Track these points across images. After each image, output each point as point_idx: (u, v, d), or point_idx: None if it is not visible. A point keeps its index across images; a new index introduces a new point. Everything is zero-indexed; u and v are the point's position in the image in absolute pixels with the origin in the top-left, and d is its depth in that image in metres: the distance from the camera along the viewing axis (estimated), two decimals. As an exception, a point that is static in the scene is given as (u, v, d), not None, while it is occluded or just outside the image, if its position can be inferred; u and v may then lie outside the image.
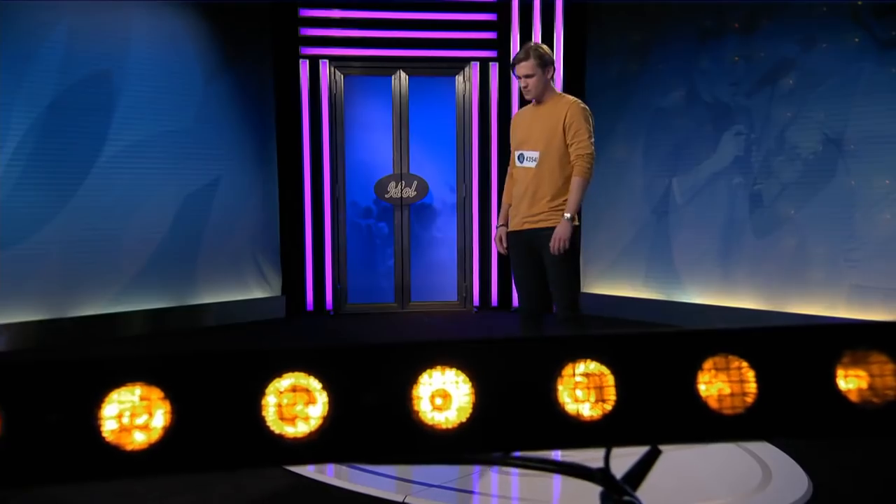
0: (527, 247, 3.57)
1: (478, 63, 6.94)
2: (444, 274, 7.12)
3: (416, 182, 6.93)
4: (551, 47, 6.69)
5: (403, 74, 6.92)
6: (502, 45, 6.88)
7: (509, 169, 3.75)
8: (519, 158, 3.60)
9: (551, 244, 3.42)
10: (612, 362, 0.79)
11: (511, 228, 3.65)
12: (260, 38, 6.63)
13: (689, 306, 6.25)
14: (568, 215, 3.41)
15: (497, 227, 3.79)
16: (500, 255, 6.90)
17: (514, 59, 3.59)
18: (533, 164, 3.52)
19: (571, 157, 3.47)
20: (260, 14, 6.60)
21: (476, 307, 7.04)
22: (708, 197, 6.14)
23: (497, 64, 6.92)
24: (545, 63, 3.53)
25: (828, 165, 5.52)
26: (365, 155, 7.01)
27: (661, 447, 0.86)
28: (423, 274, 7.10)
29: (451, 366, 0.76)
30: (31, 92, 5.43)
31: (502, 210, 3.77)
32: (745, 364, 0.83)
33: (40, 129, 5.48)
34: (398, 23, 6.81)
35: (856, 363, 0.84)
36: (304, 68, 6.74)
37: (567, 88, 6.72)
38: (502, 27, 6.88)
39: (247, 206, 6.62)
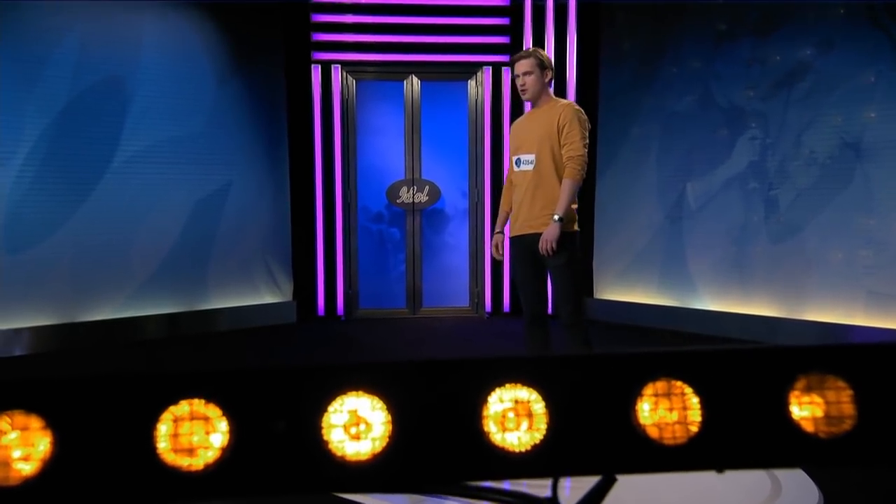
0: (529, 251, 3.54)
1: (490, 68, 6.91)
2: (456, 279, 7.09)
3: (427, 187, 6.91)
4: (564, 50, 6.71)
5: (415, 79, 6.90)
6: (515, 49, 6.78)
7: (507, 175, 3.76)
8: (516, 163, 3.60)
9: (540, 244, 3.41)
10: (543, 389, 0.74)
11: (512, 234, 3.64)
12: (272, 44, 6.63)
13: (703, 313, 6.15)
14: (556, 216, 3.39)
15: (493, 234, 3.77)
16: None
17: (513, 58, 3.62)
18: (530, 167, 3.52)
19: (563, 159, 3.47)
20: (272, 19, 6.61)
21: (488, 313, 6.99)
22: (722, 202, 6.05)
23: (510, 69, 6.82)
24: (544, 65, 3.55)
25: (845, 170, 5.39)
26: (376, 160, 6.99)
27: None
28: (435, 279, 7.06)
29: (367, 392, 0.71)
30: (44, 97, 5.48)
31: (499, 216, 3.77)
32: (688, 389, 0.77)
33: (53, 133, 5.52)
34: (410, 27, 6.80)
35: (810, 389, 0.78)
36: (316, 73, 6.75)
37: (580, 92, 6.71)
38: (515, 32, 6.84)
39: (258, 210, 6.62)
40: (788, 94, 5.65)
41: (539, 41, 6.76)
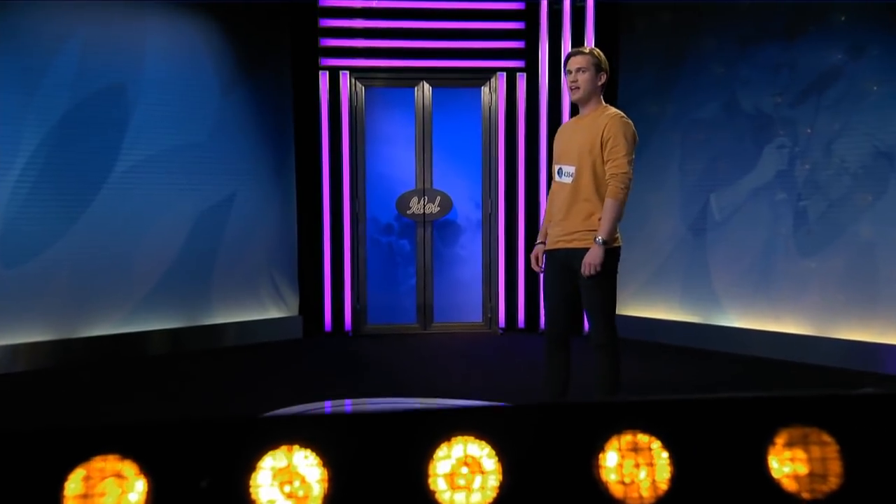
0: (561, 267, 3.49)
1: (504, 73, 6.88)
2: (469, 294, 7.06)
3: (439, 198, 6.89)
4: None
5: (427, 86, 6.90)
6: (530, 54, 6.82)
7: (552, 184, 3.64)
8: (558, 173, 3.52)
9: (582, 269, 3.34)
10: (495, 442, 0.70)
11: (547, 247, 3.58)
12: (279, 49, 6.65)
13: (728, 331, 6.08)
14: (600, 239, 3.32)
15: (536, 245, 3.69)
16: (527, 274, 6.84)
17: (569, 53, 3.52)
18: (569, 180, 3.45)
19: (606, 176, 3.37)
20: (279, 24, 6.63)
21: (501, 329, 6.95)
22: (749, 214, 5.98)
23: (525, 74, 6.85)
24: (601, 67, 3.47)
25: (879, 180, 5.31)
26: (386, 169, 6.98)
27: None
28: (447, 294, 7.04)
29: (302, 446, 0.68)
30: (44, 105, 5.51)
31: (542, 227, 3.71)
32: (657, 444, 0.73)
33: (52, 143, 5.54)
34: (421, 32, 6.79)
35: (792, 443, 0.74)
36: (324, 80, 6.76)
37: None
38: (530, 36, 6.82)
39: (263, 222, 6.63)
40: (818, 100, 5.58)
41: (555, 46, 6.73)
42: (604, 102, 3.52)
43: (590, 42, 6.66)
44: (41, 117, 5.50)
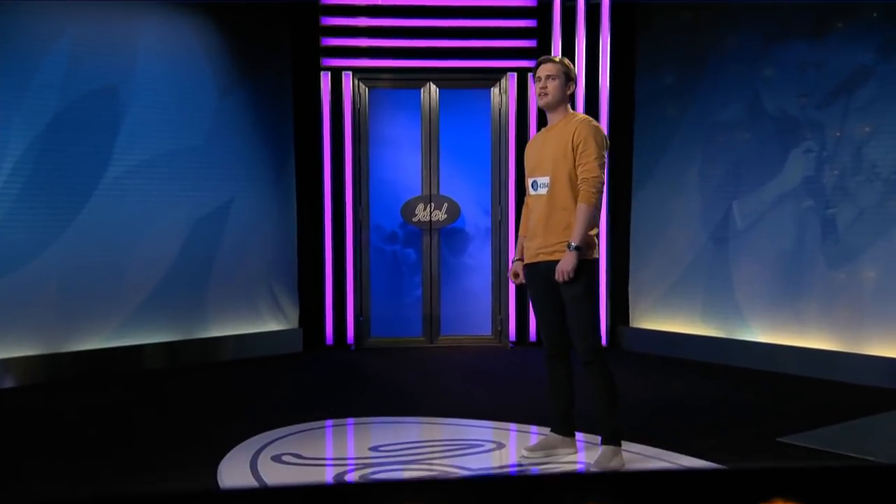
0: (543, 281, 3.58)
1: (515, 74, 6.80)
2: (477, 305, 6.97)
3: (446, 204, 6.82)
4: (596, 55, 6.61)
5: (433, 87, 6.83)
6: (542, 53, 6.65)
7: (526, 199, 3.76)
8: (532, 186, 3.63)
9: (556, 275, 3.43)
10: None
11: (526, 261, 3.68)
12: (278, 49, 6.58)
13: (753, 346, 5.97)
14: (572, 244, 3.41)
15: (513, 262, 3.82)
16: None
17: (539, 59, 3.70)
18: (545, 191, 3.55)
19: (578, 181, 3.47)
20: (279, 23, 6.55)
21: (512, 342, 6.85)
22: (773, 222, 5.88)
23: (533, 73, 6.71)
24: (570, 76, 3.63)
25: (913, 187, 5.19)
26: (391, 175, 6.92)
27: None
28: (454, 305, 6.95)
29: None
30: (32, 108, 5.44)
31: (518, 243, 3.81)
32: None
33: (40, 147, 5.47)
34: (428, 31, 6.71)
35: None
36: (326, 81, 6.68)
37: (615, 100, 6.63)
38: (542, 35, 6.72)
39: (262, 230, 6.56)
40: (848, 101, 5.48)
41: (569, 45, 6.63)
42: (571, 110, 3.63)
43: (605, 41, 6.59)
44: (29, 120, 5.43)
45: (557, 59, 3.65)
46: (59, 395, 5.17)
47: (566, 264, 3.40)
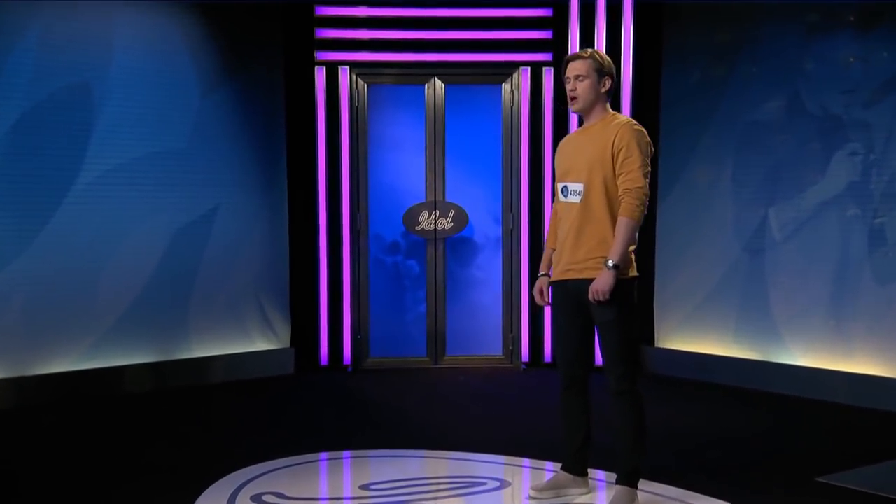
0: (573, 301, 3.45)
1: (528, 68, 6.76)
2: (486, 322, 6.96)
3: (452, 211, 6.79)
4: (619, 48, 6.55)
5: (439, 83, 6.82)
6: (558, 46, 6.64)
7: (553, 205, 3.64)
8: (563, 192, 3.49)
9: (589, 295, 3.30)
10: None
11: (553, 278, 3.56)
12: (269, 42, 6.58)
13: (793, 370, 5.89)
14: (611, 262, 3.27)
15: (539, 277, 3.67)
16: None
17: (566, 58, 3.50)
18: (577, 199, 3.41)
19: (619, 192, 3.33)
20: (269, 14, 6.55)
21: (525, 363, 6.79)
22: (814, 232, 5.83)
23: (552, 69, 6.73)
24: (603, 71, 3.42)
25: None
26: (392, 179, 6.91)
27: None
28: (461, 322, 6.95)
29: None
30: (-6, 108, 5.43)
31: (544, 256, 3.69)
32: None
33: (4, 150, 5.42)
34: (433, 22, 6.71)
35: None
36: (321, 76, 6.67)
37: (638, 98, 6.57)
38: (559, 26, 6.66)
39: (250, 239, 6.55)
40: (897, 99, 5.47)
41: (588, 37, 6.53)
42: (610, 110, 3.49)
43: (628, 32, 6.50)
44: (-8, 120, 5.42)
45: (587, 55, 3.44)
46: (24, 422, 5.08)
47: (603, 284, 3.26)
